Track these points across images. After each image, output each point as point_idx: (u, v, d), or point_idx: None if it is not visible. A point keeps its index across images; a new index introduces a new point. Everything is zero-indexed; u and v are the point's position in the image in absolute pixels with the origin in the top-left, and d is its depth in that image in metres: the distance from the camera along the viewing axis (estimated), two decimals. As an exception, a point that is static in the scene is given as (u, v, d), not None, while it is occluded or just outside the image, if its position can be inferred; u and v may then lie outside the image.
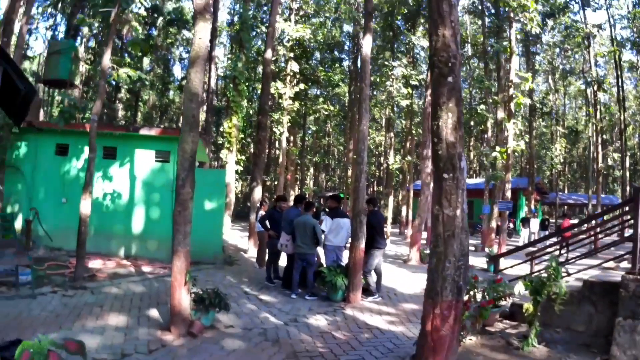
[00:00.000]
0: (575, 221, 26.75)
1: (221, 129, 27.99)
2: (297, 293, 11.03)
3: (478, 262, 20.12)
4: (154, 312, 8.83)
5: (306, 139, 47.28)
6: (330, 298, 10.82)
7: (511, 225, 36.28)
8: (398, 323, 9.27)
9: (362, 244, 10.61)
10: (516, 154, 21.73)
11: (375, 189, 58.41)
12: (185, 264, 7.67)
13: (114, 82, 35.08)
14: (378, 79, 30.52)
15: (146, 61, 39.90)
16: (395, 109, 31.98)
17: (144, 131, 15.50)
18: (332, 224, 11.32)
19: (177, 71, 60.96)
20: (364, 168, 10.80)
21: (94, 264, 13.11)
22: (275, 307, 9.99)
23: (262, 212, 15.86)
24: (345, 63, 42.73)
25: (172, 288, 7.71)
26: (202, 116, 46.76)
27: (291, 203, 15.51)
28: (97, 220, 14.78)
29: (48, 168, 15.22)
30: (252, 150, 39.81)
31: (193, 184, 7.74)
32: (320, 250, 11.69)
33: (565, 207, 55.59)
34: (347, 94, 42.95)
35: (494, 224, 26.36)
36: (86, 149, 15.18)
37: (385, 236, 13.47)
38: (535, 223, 29.28)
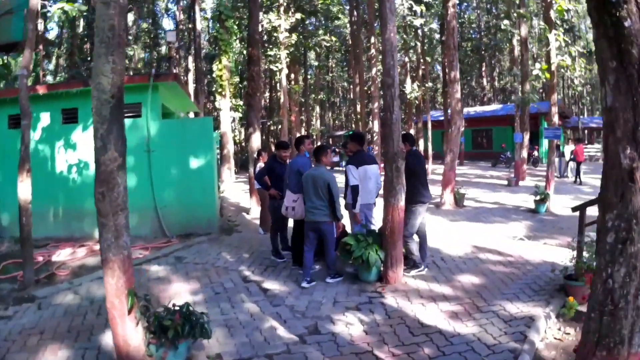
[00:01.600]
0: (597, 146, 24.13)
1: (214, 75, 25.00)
2: (309, 280, 7.84)
3: (516, 200, 17.23)
4: (108, 338, 5.84)
5: (309, 77, 43.88)
6: (361, 278, 7.91)
7: (535, 153, 33.48)
8: (464, 315, 6.33)
9: (402, 200, 7.64)
10: (563, 70, 18.32)
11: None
12: (125, 280, 4.71)
13: (57, 24, 31.69)
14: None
15: (130, 16, 36.81)
16: (407, 30, 28.36)
17: None
18: (358, 174, 8.19)
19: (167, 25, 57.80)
20: (396, 92, 7.56)
21: (61, 254, 10.62)
22: (286, 304, 7.01)
23: (260, 165, 12.83)
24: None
25: (110, 320, 4.79)
26: (191, 62, 44.42)
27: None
28: (65, 198, 12.57)
29: (3, 144, 12.59)
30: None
31: (122, 144, 4.66)
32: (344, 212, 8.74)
33: (586, 131, 52.28)
34: (347, 26, 39.80)
35: (524, 154, 23.63)
36: (46, 116, 12.59)
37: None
38: (568, 151, 25.91)
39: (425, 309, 6.56)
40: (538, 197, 14.46)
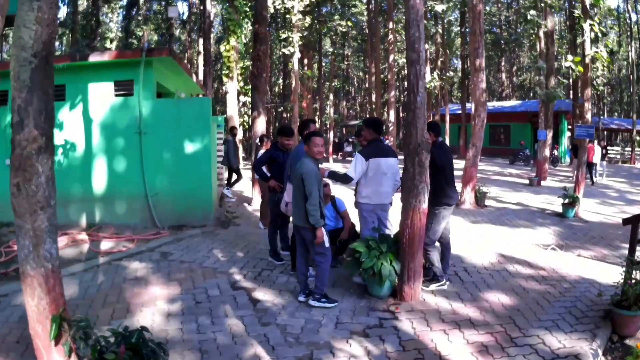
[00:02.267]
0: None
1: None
2: (307, 292, 6.50)
3: (540, 201, 15.92)
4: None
5: (323, 64, 42.53)
6: (371, 293, 6.65)
7: (555, 152, 32.10)
8: (496, 350, 5.06)
9: (425, 202, 6.32)
10: (602, 65, 16.84)
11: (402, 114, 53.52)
12: (49, 301, 3.48)
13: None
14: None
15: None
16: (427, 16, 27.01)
17: (94, 57, 11.40)
18: (366, 166, 6.76)
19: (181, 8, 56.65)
20: (422, 70, 6.22)
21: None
22: (277, 323, 5.75)
23: (262, 152, 11.55)
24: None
25: (35, 350, 3.59)
26: (201, 44, 43.16)
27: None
28: (50, 182, 10.81)
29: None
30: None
31: (46, 119, 3.39)
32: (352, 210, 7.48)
33: (605, 132, 50.60)
34: (364, 14, 38.65)
35: (547, 153, 22.32)
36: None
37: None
38: (597, 152, 23.83)
39: (448, 339, 5.30)
40: (567, 201, 13.12)
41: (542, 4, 20.06)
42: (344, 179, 6.77)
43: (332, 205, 8.16)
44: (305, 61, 33.81)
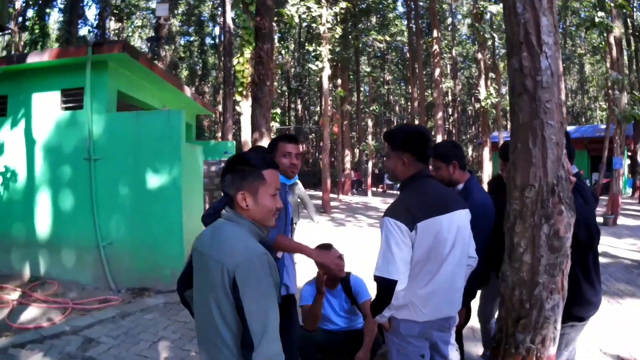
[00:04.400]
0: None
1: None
2: None
3: (626, 248, 12.25)
4: None
5: (361, 88, 39.56)
6: None
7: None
8: None
9: (555, 343, 2.75)
10: None
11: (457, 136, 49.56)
12: None
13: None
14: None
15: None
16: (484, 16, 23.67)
17: (33, 58, 8.59)
18: (413, 240, 2.88)
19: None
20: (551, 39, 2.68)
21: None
22: None
23: None
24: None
25: None
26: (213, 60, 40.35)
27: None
28: (-13, 220, 8.82)
29: None
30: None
31: None
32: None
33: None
34: (405, 34, 35.88)
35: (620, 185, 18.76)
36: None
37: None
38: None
39: None
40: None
41: (612, 3, 16.48)
42: (383, 290, 2.89)
43: (344, 290, 4.79)
44: (339, 82, 30.87)
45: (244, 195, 2.23)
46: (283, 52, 30.73)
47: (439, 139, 22.58)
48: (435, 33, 21.80)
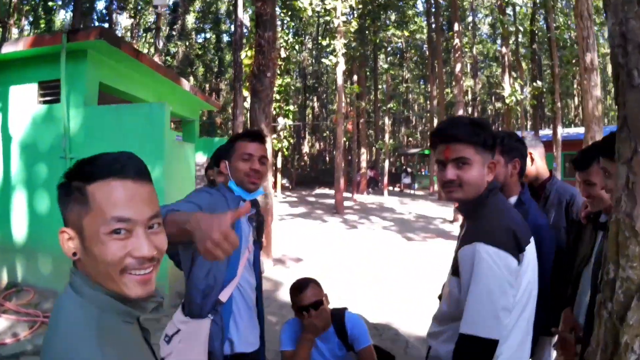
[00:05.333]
0: None
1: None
2: None
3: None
4: None
5: (379, 86, 38.49)
6: None
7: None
8: None
9: None
10: None
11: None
12: None
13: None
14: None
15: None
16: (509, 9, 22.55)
17: (7, 48, 7.70)
18: (521, 282, 2.15)
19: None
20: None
21: None
22: None
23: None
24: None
25: None
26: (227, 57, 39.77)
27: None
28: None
29: None
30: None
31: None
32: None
33: None
34: (424, 31, 34.91)
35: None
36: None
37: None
38: None
39: None
40: None
41: None
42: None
43: (337, 333, 3.70)
44: (355, 77, 29.92)
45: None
46: (297, 47, 29.71)
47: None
48: (456, 27, 20.61)
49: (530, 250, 2.17)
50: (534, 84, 22.75)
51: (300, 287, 3.35)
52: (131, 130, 7.10)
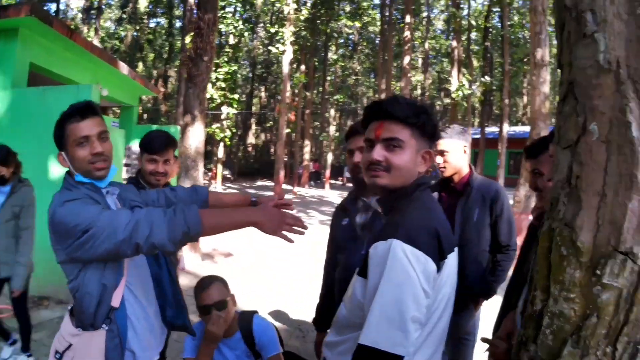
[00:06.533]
0: None
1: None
2: None
3: None
4: None
5: (328, 77, 38.27)
6: None
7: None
8: None
9: None
10: None
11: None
12: None
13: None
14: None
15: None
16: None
17: None
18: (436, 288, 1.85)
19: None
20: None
21: None
22: None
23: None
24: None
25: None
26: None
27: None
28: None
29: None
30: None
31: None
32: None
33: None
34: (378, 21, 34.92)
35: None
36: None
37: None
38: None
39: None
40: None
41: None
42: None
43: (244, 339, 3.33)
44: (303, 67, 29.69)
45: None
46: (247, 34, 29.28)
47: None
48: (408, 19, 20.57)
49: (452, 260, 1.87)
50: (482, 79, 22.89)
51: (204, 285, 3.05)
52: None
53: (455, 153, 3.40)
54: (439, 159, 3.42)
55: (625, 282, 0.91)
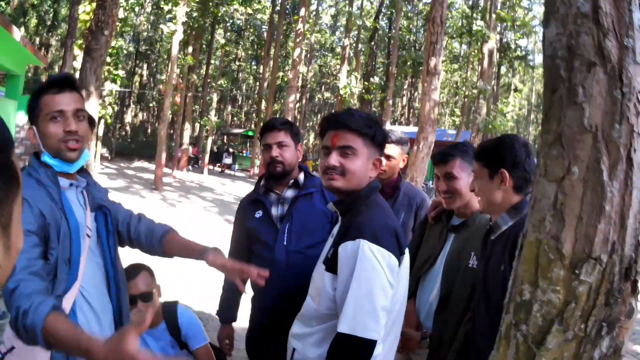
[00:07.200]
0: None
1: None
2: None
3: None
4: None
5: (213, 60, 37.74)
6: None
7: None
8: None
9: None
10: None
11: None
12: None
13: None
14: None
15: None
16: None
17: None
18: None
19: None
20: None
21: None
22: None
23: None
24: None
25: None
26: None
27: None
28: None
29: None
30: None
31: None
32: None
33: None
34: (268, 9, 35.30)
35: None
36: None
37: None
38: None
39: None
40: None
41: (492, 15, 16.83)
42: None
43: (170, 330, 3.34)
44: (190, 50, 29.17)
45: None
46: (137, 9, 28.33)
47: (289, 122, 21.67)
48: (302, 12, 20.83)
49: (407, 256, 2.19)
50: (371, 79, 23.77)
51: (130, 274, 2.81)
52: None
53: (398, 159, 3.55)
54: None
55: (595, 279, 1.33)
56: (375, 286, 1.92)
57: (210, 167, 33.51)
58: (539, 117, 46.79)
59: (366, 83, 24.62)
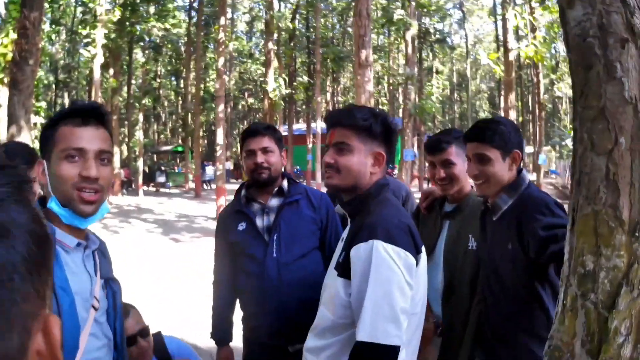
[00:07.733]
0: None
1: None
2: None
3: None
4: None
5: (133, 80, 36.92)
6: None
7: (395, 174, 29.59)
8: None
9: None
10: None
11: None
12: None
13: None
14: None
15: None
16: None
17: None
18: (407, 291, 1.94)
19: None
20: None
21: None
22: None
23: None
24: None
25: None
26: None
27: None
28: None
29: None
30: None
31: None
32: None
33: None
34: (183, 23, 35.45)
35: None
36: None
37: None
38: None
39: None
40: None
41: (412, 3, 17.42)
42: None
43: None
44: (112, 71, 28.50)
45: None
46: (54, 37, 27.51)
47: (220, 133, 21.27)
48: (222, 20, 20.67)
49: (424, 254, 2.08)
50: (299, 79, 24.02)
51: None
52: None
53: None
54: None
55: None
56: (393, 288, 1.80)
57: (145, 187, 32.77)
58: (462, 95, 48.66)
59: (295, 84, 24.74)
